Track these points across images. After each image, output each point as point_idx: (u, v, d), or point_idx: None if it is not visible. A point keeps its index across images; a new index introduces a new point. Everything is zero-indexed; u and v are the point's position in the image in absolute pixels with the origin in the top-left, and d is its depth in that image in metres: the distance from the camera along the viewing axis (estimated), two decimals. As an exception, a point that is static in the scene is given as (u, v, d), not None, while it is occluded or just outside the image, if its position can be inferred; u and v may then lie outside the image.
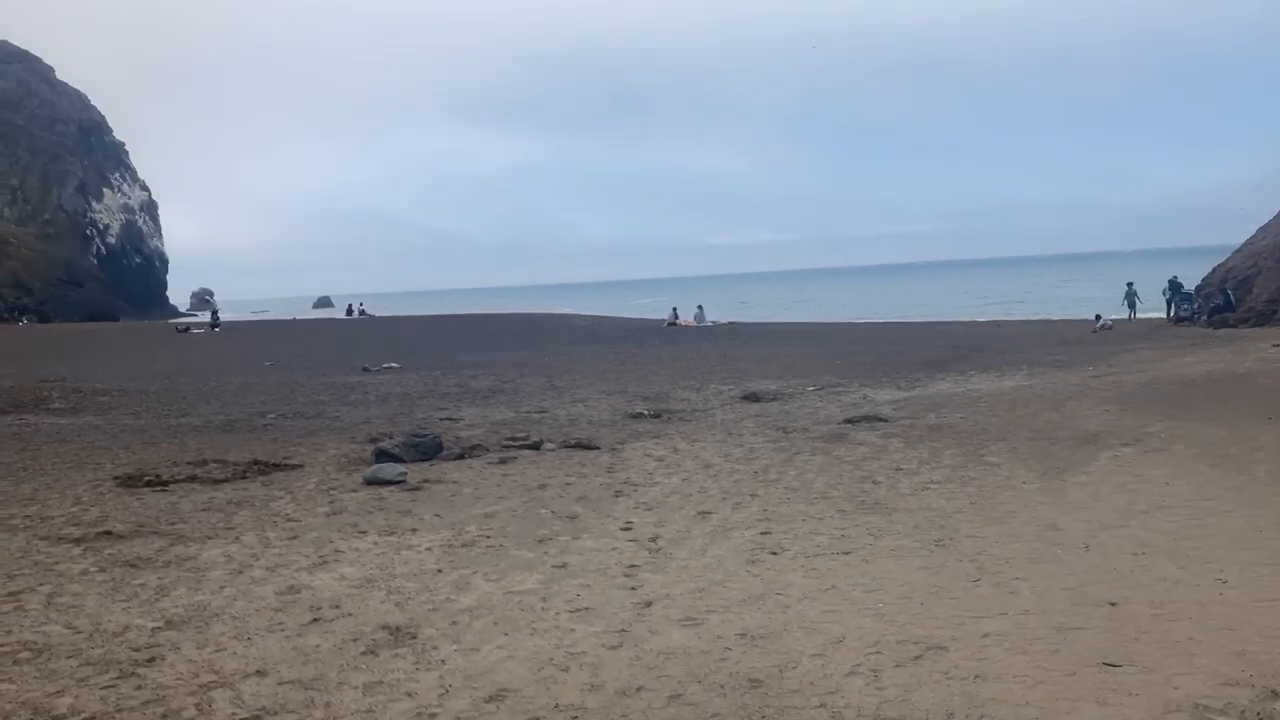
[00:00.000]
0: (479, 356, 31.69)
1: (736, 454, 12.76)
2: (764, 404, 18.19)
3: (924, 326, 44.39)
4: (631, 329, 46.88)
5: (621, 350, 33.55)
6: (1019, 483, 10.36)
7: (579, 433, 15.22)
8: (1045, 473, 10.82)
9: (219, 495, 11.35)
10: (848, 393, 19.34)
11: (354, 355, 32.89)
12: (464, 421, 17.12)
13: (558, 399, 19.92)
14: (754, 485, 10.69)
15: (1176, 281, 41.30)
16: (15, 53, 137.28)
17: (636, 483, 11.12)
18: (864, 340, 34.69)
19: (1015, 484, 10.33)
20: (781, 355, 28.63)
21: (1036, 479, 10.53)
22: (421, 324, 55.89)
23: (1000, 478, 10.67)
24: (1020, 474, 10.83)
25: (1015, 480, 10.52)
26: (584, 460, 12.84)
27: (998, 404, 16.46)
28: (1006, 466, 11.23)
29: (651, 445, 13.85)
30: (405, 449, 13.55)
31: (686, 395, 19.86)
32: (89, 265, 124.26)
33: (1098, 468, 11.02)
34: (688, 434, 14.81)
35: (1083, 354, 25.07)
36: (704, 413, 17.32)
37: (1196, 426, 13.22)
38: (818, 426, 14.93)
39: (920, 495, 9.93)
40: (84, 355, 38.70)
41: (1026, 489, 10.10)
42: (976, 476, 10.75)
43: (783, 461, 12.08)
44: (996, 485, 10.28)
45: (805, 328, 45.95)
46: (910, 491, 10.10)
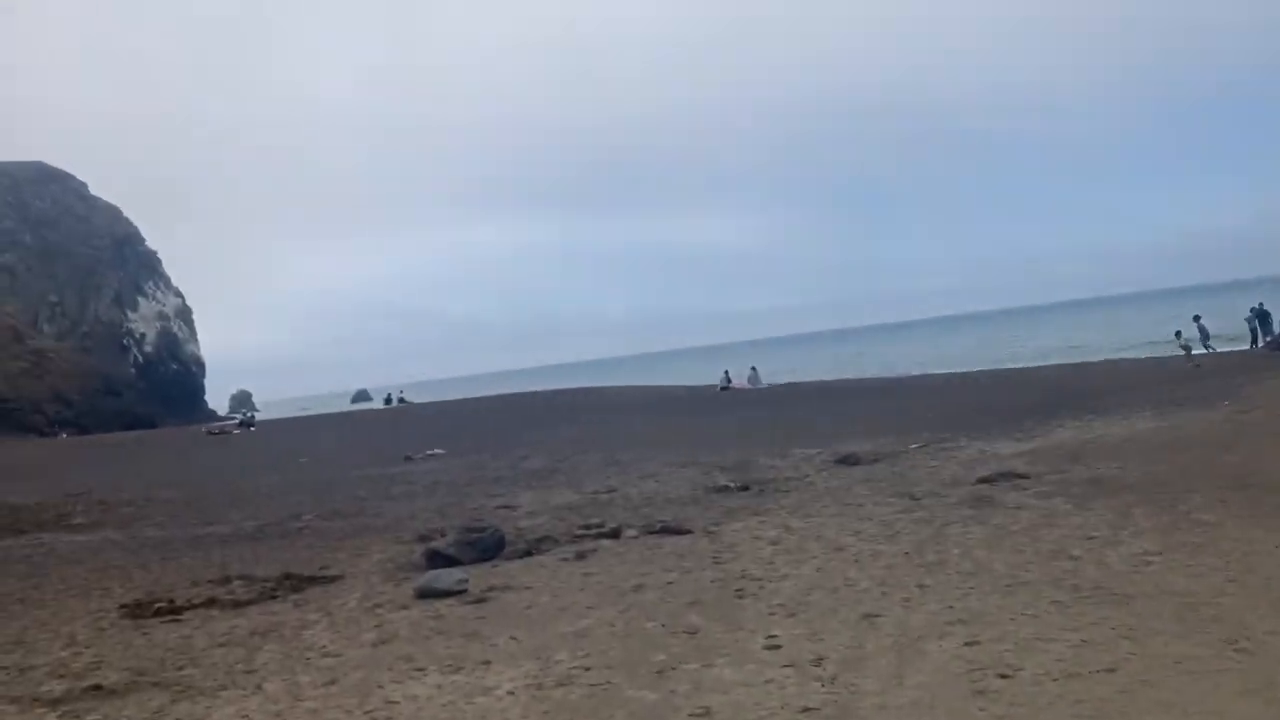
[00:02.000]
0: (526, 437, 29.52)
1: (869, 530, 10.38)
2: (867, 467, 15.81)
3: (995, 374, 41.79)
4: (682, 396, 44.67)
5: (679, 418, 31.30)
6: (1269, 546, 7.92)
7: (661, 514, 12.93)
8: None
9: (241, 623, 9.13)
10: (959, 448, 16.91)
11: (395, 444, 30.79)
12: (523, 509, 14.89)
13: (623, 475, 17.65)
14: (914, 571, 8.31)
15: (1263, 309, 38.79)
16: (52, 173, 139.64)
17: (758, 576, 8.77)
18: (938, 393, 32.23)
19: (1264, 548, 7.89)
20: (859, 413, 26.24)
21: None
22: (460, 407, 54.02)
23: (1233, 540, 8.23)
24: (1256, 534, 8.38)
25: (1257, 543, 8.08)
26: (679, 549, 10.51)
27: (1150, 450, 13.99)
28: (1231, 525, 8.79)
29: (755, 525, 11.50)
30: (461, 548, 11.30)
31: (771, 462, 17.51)
32: (127, 374, 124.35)
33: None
34: (794, 508, 12.46)
35: (1200, 390, 22.47)
36: (800, 481, 14.96)
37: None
38: (950, 489, 12.53)
39: (1147, 573, 7.51)
40: (117, 465, 36.93)
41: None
42: (1202, 541, 8.31)
43: (933, 536, 9.69)
44: (1240, 552, 7.84)
45: (867, 384, 43.50)
46: (1130, 568, 7.68)
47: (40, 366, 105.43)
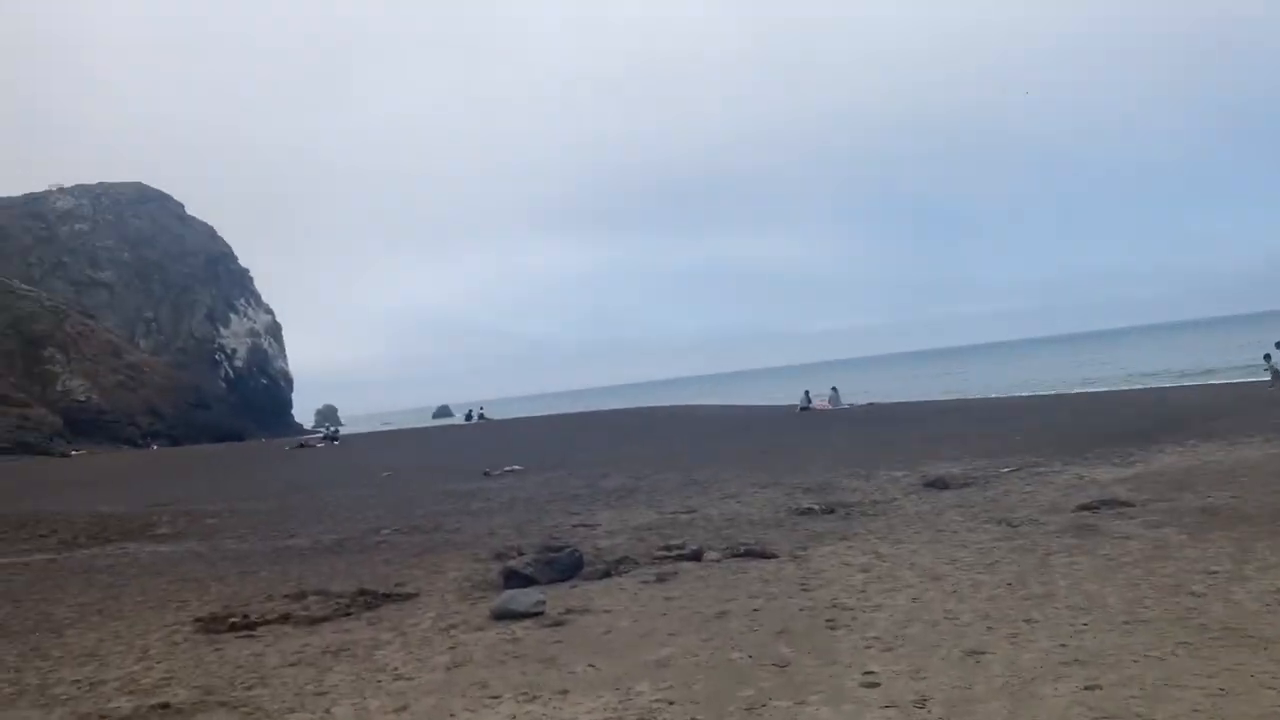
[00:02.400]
0: (603, 455, 29.24)
1: (965, 558, 9.82)
2: (958, 491, 15.16)
3: (1080, 397, 40.42)
4: (760, 416, 44.05)
5: (758, 438, 30.73)
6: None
7: (744, 536, 12.49)
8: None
9: (314, 641, 8.93)
10: (1054, 473, 16.15)
11: (474, 460, 30.74)
12: (601, 528, 14.56)
13: (704, 496, 17.23)
14: (1019, 604, 7.76)
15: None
16: (150, 193, 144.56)
17: (849, 605, 8.29)
18: (1024, 415, 31.13)
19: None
20: (945, 435, 25.42)
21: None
22: (539, 425, 54.05)
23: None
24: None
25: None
26: (764, 573, 10.07)
27: (1265, 478, 13.13)
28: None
29: (844, 550, 11.00)
30: (539, 567, 11.00)
31: (856, 485, 16.93)
32: (218, 389, 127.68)
33: None
34: (883, 533, 11.92)
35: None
36: (887, 505, 14.39)
37: None
38: (1049, 517, 11.87)
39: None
40: (204, 476, 37.55)
41: None
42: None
43: (1036, 567, 9.10)
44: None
45: (949, 405, 42.38)
46: (1262, 606, 7.04)
47: (135, 380, 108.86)
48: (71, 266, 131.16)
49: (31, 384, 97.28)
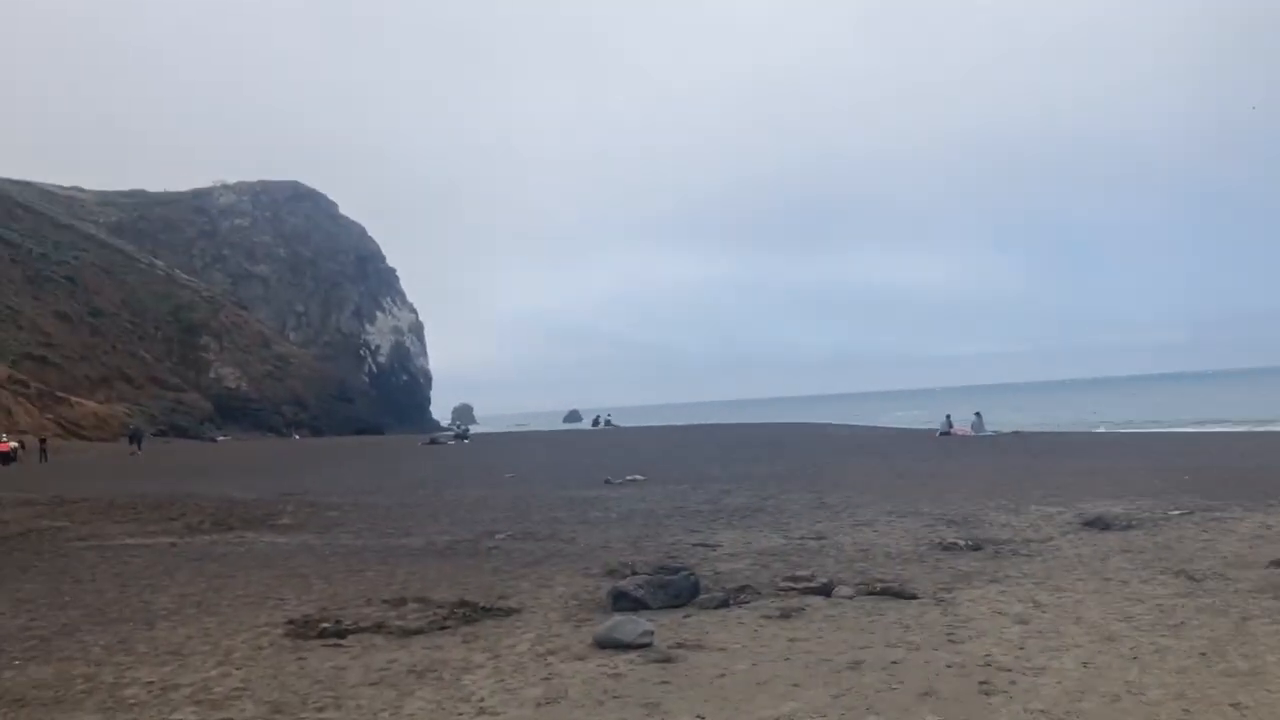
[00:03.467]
0: (729, 469, 28.18)
1: (1142, 615, 8.45)
2: (1121, 533, 13.58)
3: (1252, 437, 37.32)
4: (897, 439, 42.24)
5: (895, 462, 29.16)
6: None
7: (880, 571, 11.31)
8: None
9: (402, 657, 8.21)
10: (1233, 519, 14.37)
11: (597, 467, 30.12)
12: (722, 549, 13.55)
13: (835, 521, 16.02)
14: (1218, 681, 6.43)
15: None
16: (305, 192, 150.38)
17: (1006, 665, 7.08)
18: (1190, 452, 28.74)
19: None
20: (1101, 468, 23.48)
21: None
22: (664, 434, 53.28)
23: None
24: None
25: None
26: (903, 618, 8.89)
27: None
28: None
29: (995, 594, 9.72)
30: (650, 590, 10.07)
31: (1004, 520, 15.45)
32: (361, 383, 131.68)
33: None
34: (1040, 577, 10.56)
35: None
36: (1042, 544, 12.94)
37: None
38: (1238, 572, 10.32)
39: None
40: (336, 468, 38.08)
41: None
42: None
43: (1233, 633, 7.69)
44: None
45: (1103, 437, 39.83)
46: None
47: (283, 371, 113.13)
48: (230, 259, 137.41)
49: (186, 370, 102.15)
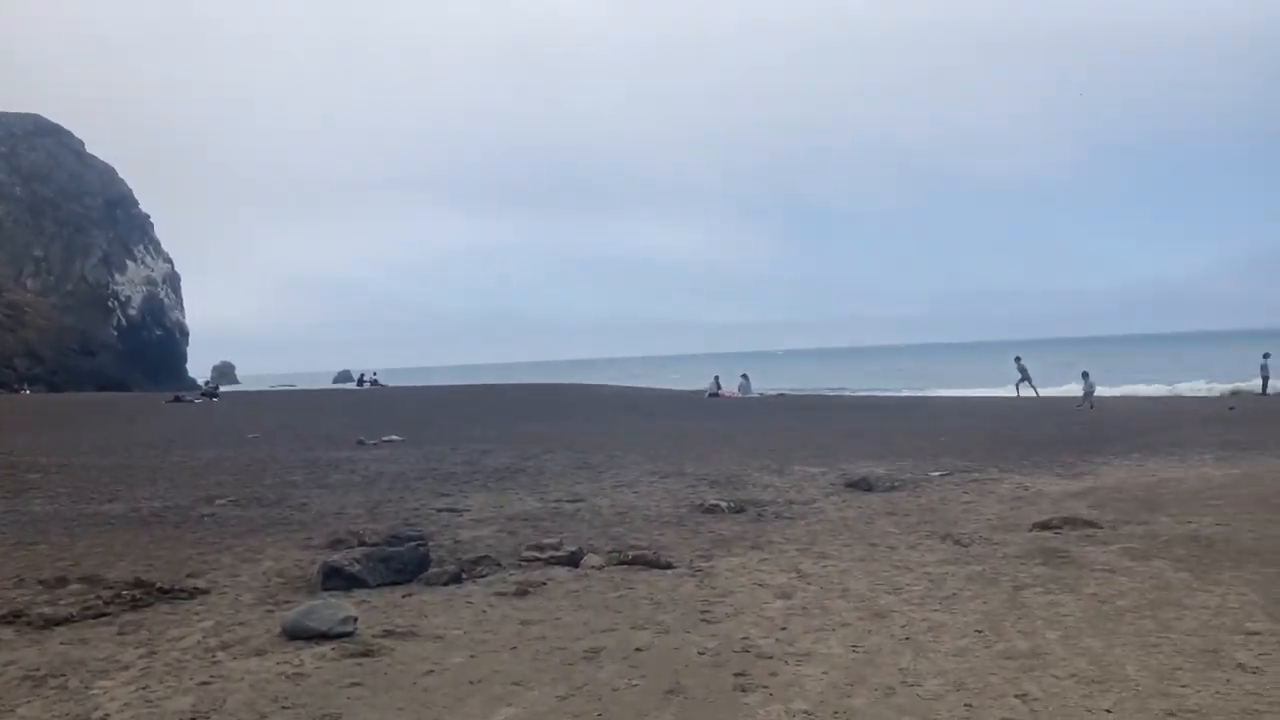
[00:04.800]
0: (494, 429, 26.78)
1: (913, 587, 7.68)
2: (884, 494, 13.14)
3: (1002, 402, 39.15)
4: (667, 400, 41.99)
5: (662, 422, 28.56)
6: None
7: (636, 536, 10.25)
8: None
9: (28, 656, 6.40)
10: (992, 481, 14.24)
11: (354, 427, 28.00)
12: (470, 514, 12.19)
13: (595, 482, 14.94)
14: (1000, 667, 5.60)
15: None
16: (47, 127, 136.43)
17: (767, 651, 6.05)
18: (947, 415, 29.57)
19: None
20: (863, 430, 23.57)
21: None
22: (432, 395, 51.26)
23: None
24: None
25: None
26: (655, 592, 7.80)
27: (1244, 502, 11.34)
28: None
29: (756, 563, 8.79)
30: (370, 565, 8.58)
31: (768, 480, 14.81)
32: (107, 336, 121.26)
33: None
34: (804, 542, 9.75)
35: (1255, 434, 19.90)
36: (806, 506, 12.27)
37: None
38: (1003, 535, 9.84)
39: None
40: (60, 426, 34.01)
41: None
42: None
43: (1007, 605, 6.98)
44: None
45: (865, 400, 40.91)
46: None
47: (15, 320, 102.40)
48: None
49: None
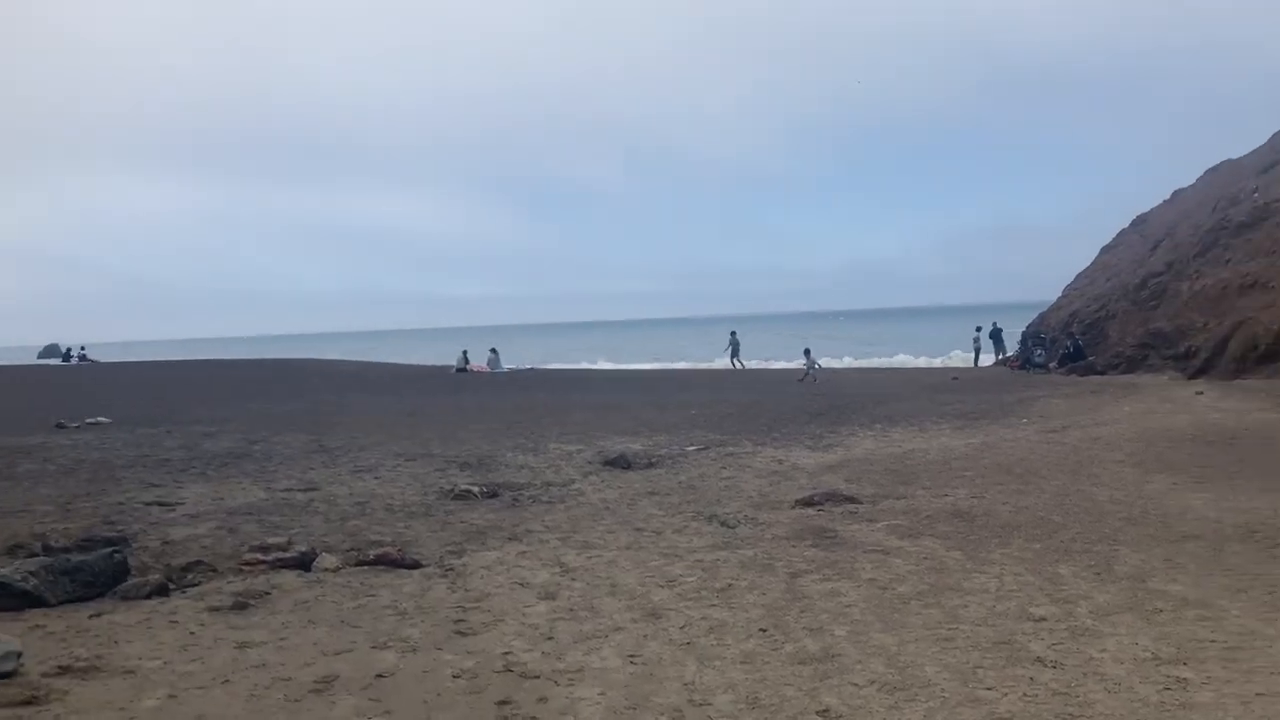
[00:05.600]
0: (218, 409, 24.48)
1: (686, 578, 7.08)
2: (644, 472, 12.65)
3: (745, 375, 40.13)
4: (411, 375, 40.29)
5: (407, 399, 27.14)
6: None
7: (378, 530, 9.18)
8: None
9: None
10: (747, 454, 14.06)
11: (55, 408, 24.87)
12: (184, 508, 10.66)
13: (331, 468, 13.62)
14: (793, 674, 5.04)
15: (997, 328, 39.60)
16: None
17: (533, 670, 5.24)
18: (694, 389, 29.78)
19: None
20: (616, 404, 23.18)
21: None
22: (150, 371, 47.04)
23: (1242, 636, 5.51)
24: (1253, 624, 5.71)
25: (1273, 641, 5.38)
26: (399, 598, 6.82)
27: (992, 473, 11.59)
28: (1214, 602, 6.09)
29: (515, 558, 7.97)
30: (51, 579, 7.13)
31: (524, 460, 14.01)
32: None
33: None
34: (566, 531, 9.02)
35: (982, 404, 20.97)
36: (564, 488, 11.56)
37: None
38: (766, 513, 9.49)
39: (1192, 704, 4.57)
40: None
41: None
42: (1215, 639, 5.51)
43: (787, 596, 6.49)
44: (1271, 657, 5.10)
45: (616, 375, 40.88)
46: (1157, 692, 4.72)
47: None
48: None
49: None
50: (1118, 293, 32.38)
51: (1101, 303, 32.97)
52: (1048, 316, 37.54)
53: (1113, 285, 33.71)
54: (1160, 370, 26.55)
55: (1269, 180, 28.84)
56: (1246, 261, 26.24)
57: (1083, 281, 38.75)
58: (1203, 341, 25.49)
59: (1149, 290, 30.38)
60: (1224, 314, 25.39)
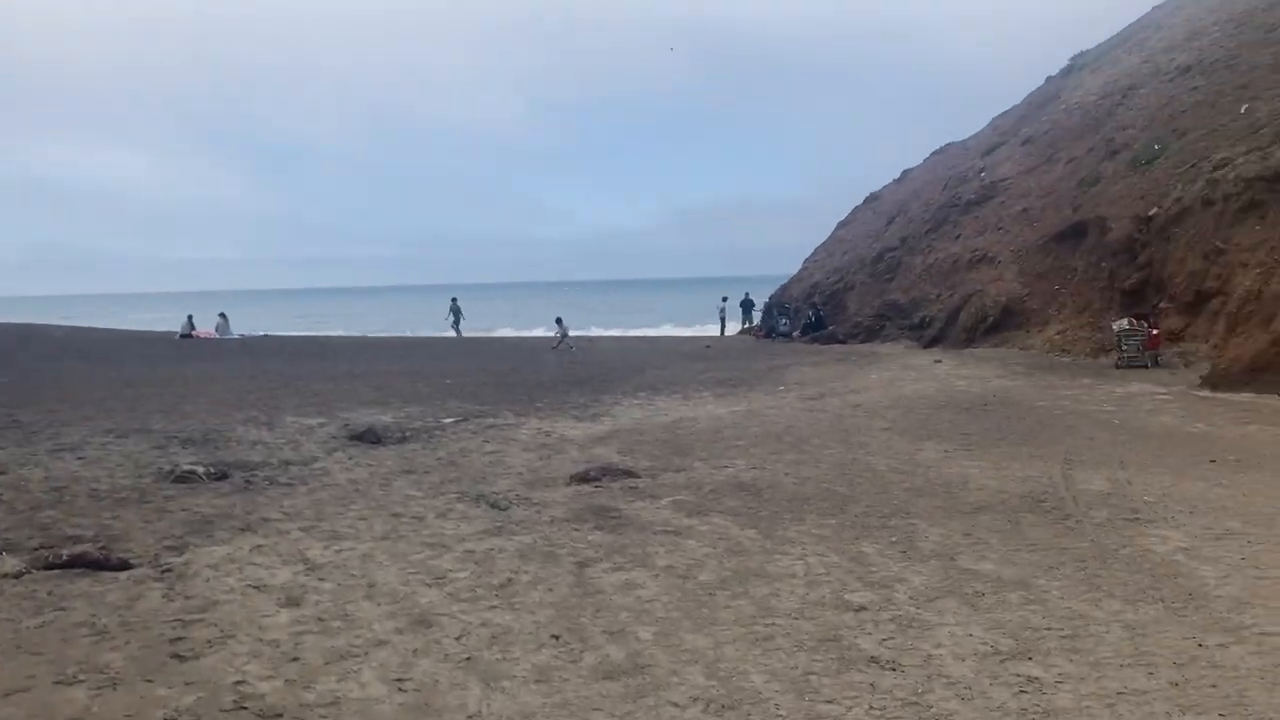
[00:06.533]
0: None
1: (454, 572, 6.12)
2: (396, 448, 11.49)
3: (487, 342, 39.10)
4: (128, 342, 36.58)
5: (125, 369, 24.33)
6: (1112, 624, 4.93)
7: (78, 522, 7.65)
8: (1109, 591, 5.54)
9: None
10: (509, 426, 13.16)
11: None
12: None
13: (26, 446, 11.60)
14: (597, 693, 4.24)
15: (749, 299, 40.49)
16: None
17: (272, 704, 4.15)
18: (446, 356, 28.49)
19: (1108, 628, 4.89)
20: (361, 374, 21.59)
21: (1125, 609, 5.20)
22: None
23: (1075, 620, 5.19)
24: (1080, 605, 5.44)
25: (1093, 621, 5.09)
26: (100, 610, 5.50)
27: (765, 441, 11.25)
28: (1032, 582, 5.78)
29: (249, 552, 6.73)
30: None
31: (257, 435, 12.47)
32: None
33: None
34: (309, 518, 7.81)
35: (738, 371, 20.99)
36: (306, 467, 10.24)
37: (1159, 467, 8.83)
38: (540, 491, 8.65)
39: (1046, 695, 4.11)
40: None
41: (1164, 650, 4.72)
42: (1043, 625, 5.14)
43: (577, 591, 5.68)
44: (1113, 641, 4.77)
45: (358, 342, 38.76)
46: (1012, 692, 4.24)
47: None
48: None
49: None
50: (855, 266, 33.69)
51: (840, 275, 34.22)
52: (789, 288, 38.65)
53: (850, 259, 35.07)
54: (897, 339, 27.76)
55: (994, 161, 30.70)
56: (975, 237, 27.81)
57: (821, 254, 40.20)
58: (936, 312, 26.82)
59: (885, 264, 31.76)
60: (955, 287, 26.79)
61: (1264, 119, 18.80)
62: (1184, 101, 22.98)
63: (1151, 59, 27.65)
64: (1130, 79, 27.47)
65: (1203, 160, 19.64)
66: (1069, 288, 22.84)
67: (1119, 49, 32.20)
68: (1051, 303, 23.10)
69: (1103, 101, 27.73)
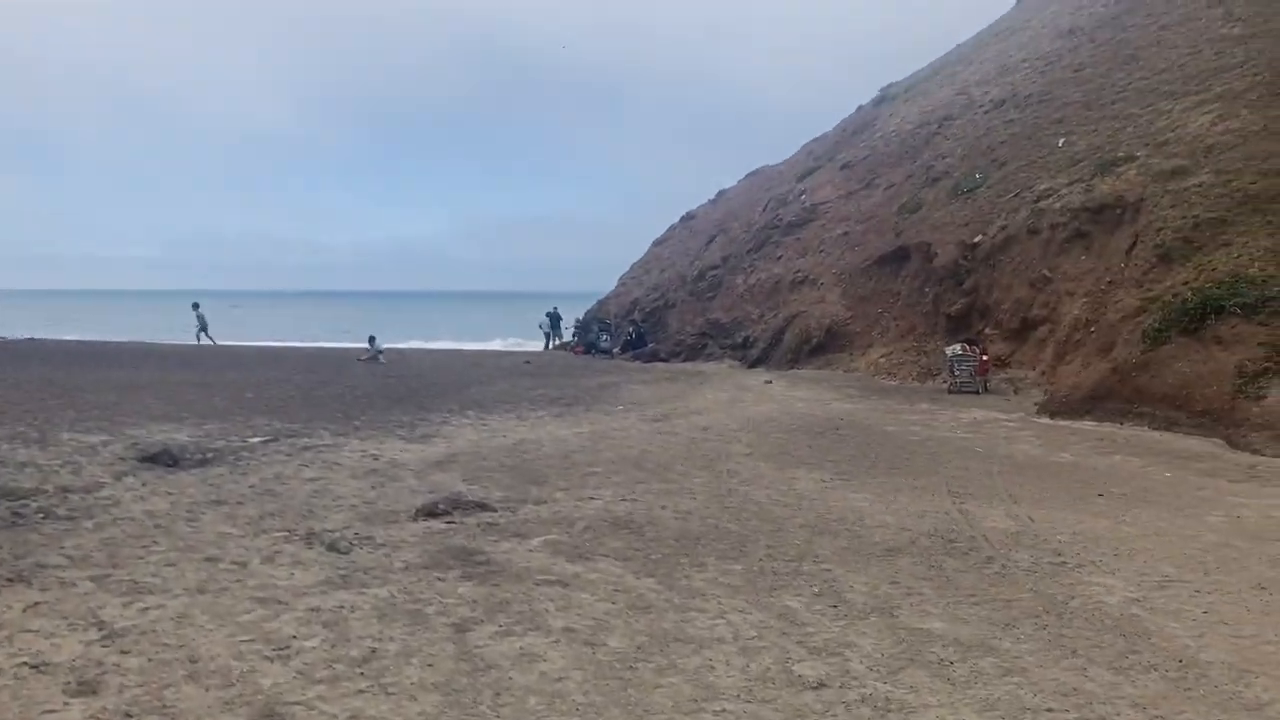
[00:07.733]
0: None
1: (300, 639, 4.90)
2: (198, 472, 9.92)
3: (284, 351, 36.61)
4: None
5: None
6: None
7: None
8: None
9: None
10: (329, 448, 11.72)
11: None
12: None
13: None
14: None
15: (556, 313, 39.68)
16: None
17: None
18: (241, 366, 26.22)
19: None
20: (146, 384, 19.33)
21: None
22: None
23: (1054, 687, 4.51)
24: (1060, 672, 4.78)
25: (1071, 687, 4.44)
26: None
27: (615, 467, 10.33)
28: (989, 643, 5.09)
29: (22, 614, 5.26)
30: None
31: (25, 455, 10.57)
32: None
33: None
34: (100, 564, 6.32)
35: (567, 389, 20.04)
36: (92, 496, 8.59)
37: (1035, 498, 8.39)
38: (384, 530, 7.41)
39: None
40: None
41: None
42: (1016, 696, 4.45)
43: (462, 669, 4.58)
44: None
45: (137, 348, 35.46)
46: None
47: None
48: None
49: None
50: (676, 283, 33.41)
51: (661, 292, 33.86)
52: (607, 303, 38.06)
53: (670, 276, 34.78)
54: (720, 358, 27.50)
55: (813, 185, 31.04)
56: (797, 259, 27.92)
57: (639, 271, 39.83)
58: (759, 332, 26.71)
59: (707, 282, 31.59)
60: (778, 307, 26.77)
61: (1083, 153, 19.45)
62: (1001, 133, 23.71)
63: (965, 91, 28.58)
64: (945, 109, 28.28)
65: (1025, 190, 20.19)
66: (892, 311, 23.11)
67: (930, 81, 33.28)
68: (875, 326, 23.31)
69: (919, 130, 28.45)
